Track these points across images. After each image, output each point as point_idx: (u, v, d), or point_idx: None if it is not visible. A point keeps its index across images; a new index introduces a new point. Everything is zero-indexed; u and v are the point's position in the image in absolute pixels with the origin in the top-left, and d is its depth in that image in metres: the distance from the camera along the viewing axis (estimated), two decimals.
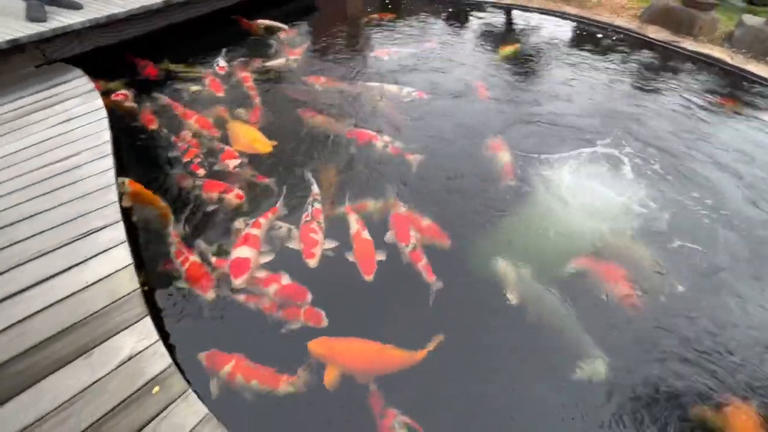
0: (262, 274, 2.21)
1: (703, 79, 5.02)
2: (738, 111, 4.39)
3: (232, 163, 2.97)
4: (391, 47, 5.21)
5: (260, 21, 5.33)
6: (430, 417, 1.75)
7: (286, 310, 2.07)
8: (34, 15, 3.72)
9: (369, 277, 2.23)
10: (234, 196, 2.69)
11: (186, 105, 3.64)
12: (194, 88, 3.92)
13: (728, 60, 5.28)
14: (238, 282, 2.11)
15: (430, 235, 2.55)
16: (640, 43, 5.88)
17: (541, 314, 2.15)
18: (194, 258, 2.29)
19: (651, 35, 5.94)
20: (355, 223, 2.55)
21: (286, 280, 2.18)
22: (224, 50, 4.53)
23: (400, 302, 2.24)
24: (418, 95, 4.03)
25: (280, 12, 6.06)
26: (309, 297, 2.11)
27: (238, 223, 2.52)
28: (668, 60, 5.46)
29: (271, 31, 5.25)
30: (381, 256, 2.37)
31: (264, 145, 3.18)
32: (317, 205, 2.64)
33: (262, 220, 2.49)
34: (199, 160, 3.01)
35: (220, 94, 3.84)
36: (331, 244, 2.43)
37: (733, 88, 4.86)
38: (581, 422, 1.82)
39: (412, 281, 2.29)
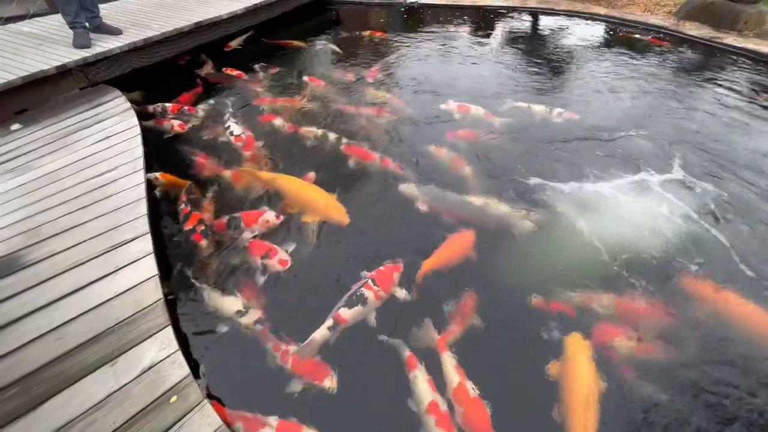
0: None
1: (753, 77, 4.67)
2: None
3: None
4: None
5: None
6: None
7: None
8: (80, 42, 4.04)
9: None
10: (277, 261, 2.40)
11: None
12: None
13: None
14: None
15: None
16: (679, 41, 5.57)
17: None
18: None
19: (690, 32, 5.62)
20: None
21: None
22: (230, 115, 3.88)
23: None
24: (569, 116, 3.86)
25: (300, 28, 6.24)
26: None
27: None
28: (712, 58, 5.14)
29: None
30: None
31: (341, 214, 2.71)
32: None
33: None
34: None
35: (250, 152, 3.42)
36: None
37: None
38: None
39: None
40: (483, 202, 2.83)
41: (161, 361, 1.75)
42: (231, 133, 3.58)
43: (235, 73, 4.68)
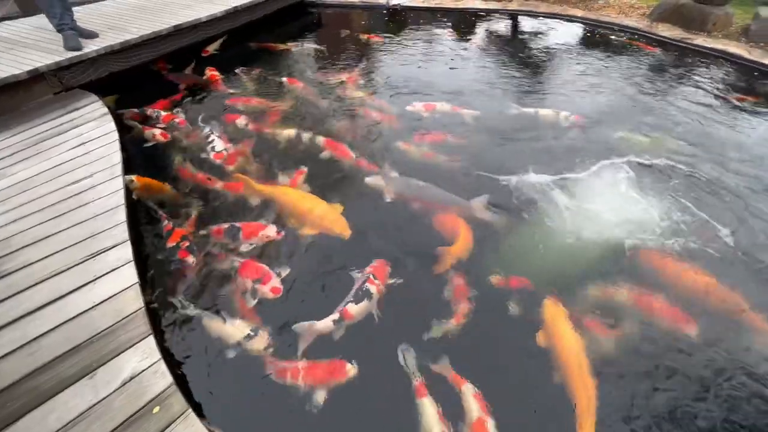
0: None
1: (721, 76, 4.86)
2: (760, 106, 4.22)
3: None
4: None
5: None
6: None
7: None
8: (71, 45, 3.95)
9: None
10: (269, 288, 2.27)
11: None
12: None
13: (746, 55, 5.11)
14: None
15: None
16: (652, 42, 5.75)
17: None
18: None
19: (662, 33, 5.81)
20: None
21: None
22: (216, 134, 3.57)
23: None
24: (576, 119, 3.89)
25: (282, 31, 6.21)
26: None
27: None
28: (682, 58, 5.32)
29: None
30: None
31: (343, 227, 2.62)
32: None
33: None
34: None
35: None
36: None
37: (753, 83, 4.69)
38: None
39: None
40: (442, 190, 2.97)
41: (143, 371, 1.71)
42: (213, 149, 3.37)
43: (216, 77, 4.62)
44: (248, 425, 1.78)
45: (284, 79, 4.56)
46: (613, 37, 5.97)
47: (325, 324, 2.06)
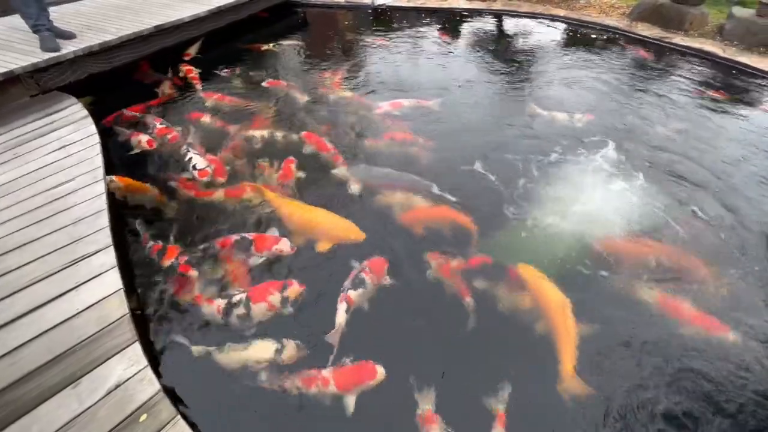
0: None
1: (697, 73, 5.00)
2: (733, 102, 4.35)
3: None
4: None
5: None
6: None
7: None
8: (48, 46, 3.83)
9: None
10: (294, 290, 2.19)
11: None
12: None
13: (720, 53, 5.26)
14: None
15: None
16: (632, 41, 5.88)
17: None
18: None
19: (642, 32, 5.95)
20: None
21: None
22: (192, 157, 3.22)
23: None
24: (587, 117, 3.97)
25: (267, 32, 6.16)
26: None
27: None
28: (661, 56, 5.46)
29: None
30: None
31: (356, 233, 2.61)
32: None
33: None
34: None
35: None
36: None
37: (727, 81, 4.83)
38: None
39: None
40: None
41: (129, 378, 1.67)
42: (194, 167, 3.10)
43: (196, 78, 4.54)
44: (239, 431, 1.76)
45: (267, 81, 4.51)
46: (594, 36, 6.09)
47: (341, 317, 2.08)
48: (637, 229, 2.72)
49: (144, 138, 3.44)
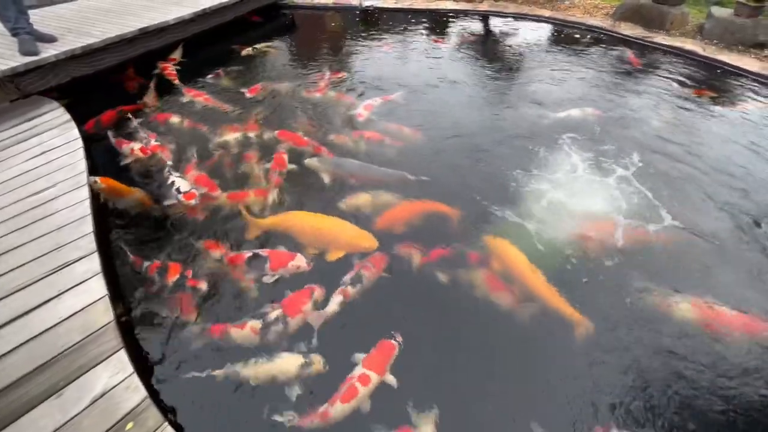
0: None
1: (678, 72, 5.10)
2: (713, 99, 4.45)
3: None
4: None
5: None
6: None
7: None
8: (27, 49, 3.76)
9: None
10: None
11: None
12: None
13: (700, 51, 5.38)
14: None
15: None
16: (615, 40, 5.98)
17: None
18: None
19: (625, 32, 6.05)
20: None
21: None
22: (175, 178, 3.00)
23: None
24: (595, 112, 4.09)
25: (255, 34, 6.12)
26: None
27: None
28: (643, 55, 5.55)
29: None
30: None
31: (369, 240, 2.59)
32: None
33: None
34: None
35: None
36: None
37: (708, 78, 4.94)
38: None
39: None
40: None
41: (114, 386, 1.65)
42: (178, 191, 2.86)
43: (176, 78, 4.49)
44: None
45: (249, 88, 4.42)
46: (578, 35, 6.18)
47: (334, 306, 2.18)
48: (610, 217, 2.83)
49: (136, 146, 3.29)
